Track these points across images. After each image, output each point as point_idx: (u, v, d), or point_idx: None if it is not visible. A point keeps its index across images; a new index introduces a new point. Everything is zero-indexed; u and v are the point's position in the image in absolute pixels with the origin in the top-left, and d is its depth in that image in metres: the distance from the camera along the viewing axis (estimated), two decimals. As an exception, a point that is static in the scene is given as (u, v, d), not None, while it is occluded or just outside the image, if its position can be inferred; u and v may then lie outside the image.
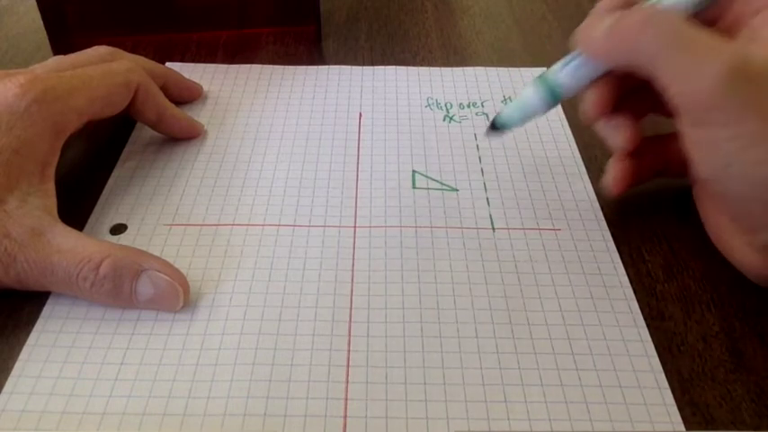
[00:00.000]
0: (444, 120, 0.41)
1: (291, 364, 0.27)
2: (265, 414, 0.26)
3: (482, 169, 0.37)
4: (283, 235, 0.33)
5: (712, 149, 0.27)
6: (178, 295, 0.29)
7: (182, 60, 0.46)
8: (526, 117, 0.34)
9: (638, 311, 0.30)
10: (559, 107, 0.42)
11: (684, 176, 0.33)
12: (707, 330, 0.29)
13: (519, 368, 0.27)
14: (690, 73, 0.27)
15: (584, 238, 0.33)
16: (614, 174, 0.33)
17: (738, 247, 0.31)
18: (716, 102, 0.26)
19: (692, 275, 0.32)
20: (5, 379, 0.27)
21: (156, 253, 0.31)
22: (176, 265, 0.30)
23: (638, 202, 0.35)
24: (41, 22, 0.45)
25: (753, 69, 0.26)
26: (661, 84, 0.28)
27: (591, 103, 0.32)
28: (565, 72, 0.32)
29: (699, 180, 0.32)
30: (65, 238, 0.29)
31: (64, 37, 0.46)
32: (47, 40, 0.46)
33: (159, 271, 0.29)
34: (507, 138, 0.39)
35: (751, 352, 0.28)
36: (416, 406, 0.26)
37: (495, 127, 0.34)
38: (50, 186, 0.31)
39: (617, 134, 0.33)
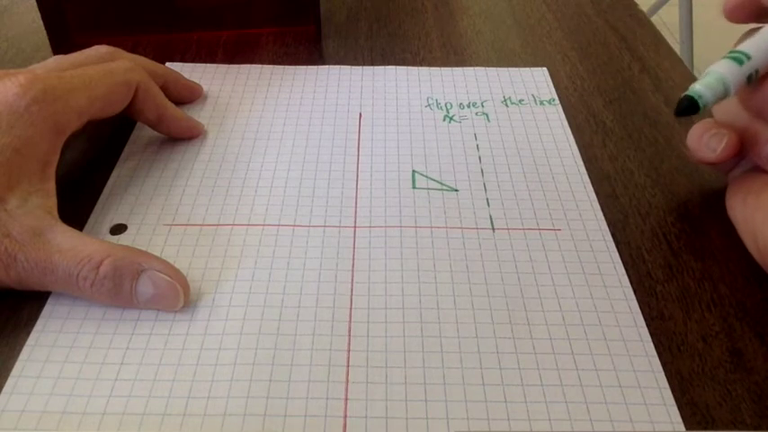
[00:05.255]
0: (444, 120, 0.41)
1: (291, 364, 0.27)
2: (265, 414, 0.26)
3: (482, 169, 0.37)
4: (283, 235, 0.33)
5: None
6: (178, 295, 0.29)
7: (182, 60, 0.46)
8: (720, 95, 0.31)
9: (638, 311, 0.30)
10: (559, 107, 0.42)
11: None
12: (707, 330, 0.29)
13: (519, 368, 0.27)
14: None
15: (584, 238, 0.33)
16: (730, 140, 0.33)
17: None
18: None
19: (692, 275, 0.32)
20: (5, 379, 0.27)
21: (156, 253, 0.31)
22: (176, 265, 0.30)
23: (638, 201, 0.36)
24: (41, 22, 0.45)
25: None
26: None
27: (729, 145, 0.33)
28: (753, 43, 0.31)
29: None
30: (65, 238, 0.29)
31: (64, 37, 0.46)
32: (47, 40, 0.46)
33: (159, 271, 0.29)
34: (507, 138, 0.40)
35: (751, 352, 0.28)
36: (416, 406, 0.26)
37: (690, 108, 0.32)
38: (51, 186, 0.31)
39: (717, 141, 0.33)
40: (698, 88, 0.31)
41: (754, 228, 0.31)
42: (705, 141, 0.34)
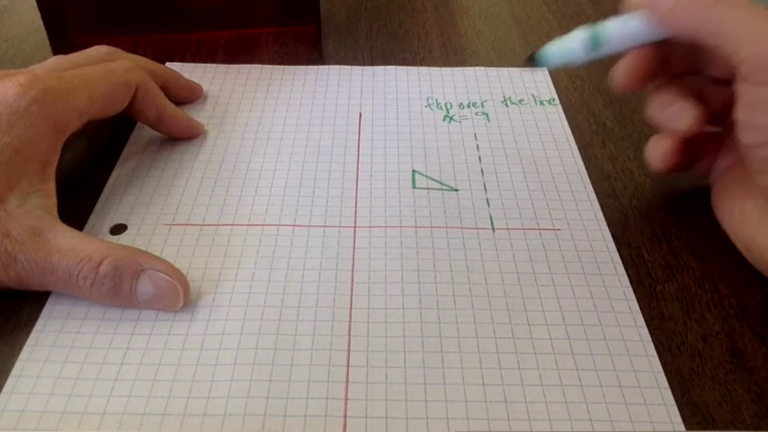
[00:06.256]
0: (444, 120, 0.41)
1: (291, 364, 0.27)
2: (265, 414, 0.26)
3: (482, 169, 0.37)
4: (283, 235, 0.33)
5: None
6: (178, 295, 0.29)
7: (182, 60, 0.46)
8: (564, 57, 0.33)
9: (638, 311, 0.30)
10: (559, 107, 0.42)
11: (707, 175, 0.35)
12: (707, 330, 0.29)
13: (519, 368, 0.27)
14: (761, 36, 0.28)
15: (584, 238, 0.33)
16: (664, 149, 0.33)
17: (763, 241, 0.30)
18: None
19: (691, 275, 0.32)
20: (5, 379, 0.27)
21: (156, 253, 0.31)
22: (176, 265, 0.30)
23: (638, 202, 0.36)
24: (41, 22, 0.45)
25: None
26: (727, 50, 0.29)
27: (630, 66, 0.32)
28: (616, 24, 0.32)
29: (735, 165, 0.33)
30: (65, 238, 0.29)
31: (64, 37, 0.46)
32: (47, 40, 0.46)
33: (159, 271, 0.29)
34: (507, 138, 0.40)
35: (751, 352, 0.28)
36: (416, 406, 0.26)
37: (533, 59, 0.34)
38: (51, 186, 0.31)
39: (681, 115, 0.32)
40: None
41: (745, 239, 0.31)
42: (653, 154, 0.34)
